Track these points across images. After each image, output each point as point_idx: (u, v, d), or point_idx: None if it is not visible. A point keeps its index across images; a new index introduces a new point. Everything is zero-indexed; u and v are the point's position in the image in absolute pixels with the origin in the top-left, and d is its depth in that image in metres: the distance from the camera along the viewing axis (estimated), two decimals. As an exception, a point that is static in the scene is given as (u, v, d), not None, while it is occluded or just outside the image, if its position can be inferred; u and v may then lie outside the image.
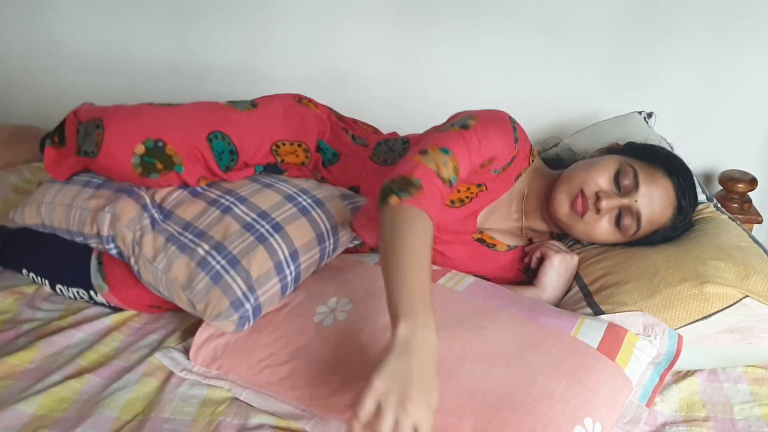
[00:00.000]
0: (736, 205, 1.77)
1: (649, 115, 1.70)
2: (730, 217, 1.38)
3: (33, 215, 1.30)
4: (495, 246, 1.35)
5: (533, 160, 1.36)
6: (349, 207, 1.29)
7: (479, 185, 1.28)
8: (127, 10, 1.98)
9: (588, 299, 1.23)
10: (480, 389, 1.00)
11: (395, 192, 1.03)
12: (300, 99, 1.42)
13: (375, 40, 1.92)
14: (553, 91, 1.91)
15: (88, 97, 2.05)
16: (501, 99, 1.92)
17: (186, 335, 1.25)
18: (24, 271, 1.35)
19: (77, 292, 1.30)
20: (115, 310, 1.31)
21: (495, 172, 1.26)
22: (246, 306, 1.13)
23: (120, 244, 1.22)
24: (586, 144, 1.59)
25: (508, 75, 1.92)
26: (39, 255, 1.32)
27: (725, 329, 1.19)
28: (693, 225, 1.33)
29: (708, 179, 1.91)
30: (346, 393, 1.04)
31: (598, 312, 1.19)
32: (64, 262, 1.30)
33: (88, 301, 1.32)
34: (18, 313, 1.29)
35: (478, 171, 1.20)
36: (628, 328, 1.14)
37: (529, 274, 1.36)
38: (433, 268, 1.24)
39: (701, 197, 1.43)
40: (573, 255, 1.31)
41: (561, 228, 1.32)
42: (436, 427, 0.86)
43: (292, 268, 1.18)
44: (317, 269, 1.25)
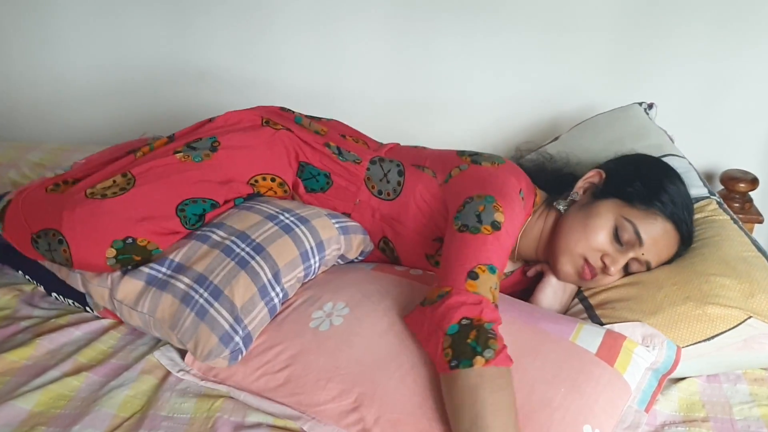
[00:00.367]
0: (737, 205, 1.76)
1: (650, 107, 1.66)
2: (732, 217, 1.37)
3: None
4: None
5: (534, 206, 1.31)
6: (337, 225, 1.25)
7: None
8: (126, 9, 1.98)
9: (589, 312, 1.21)
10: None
11: (478, 352, 0.96)
12: (267, 121, 1.34)
13: (375, 36, 1.92)
14: (555, 88, 1.91)
15: (89, 104, 2.08)
16: (502, 94, 1.93)
17: (184, 333, 1.24)
18: (20, 273, 1.34)
19: (73, 302, 1.28)
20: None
21: None
22: (236, 339, 1.09)
23: (99, 302, 1.20)
24: (584, 138, 1.58)
25: (509, 70, 1.91)
26: (36, 264, 1.28)
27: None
28: (695, 232, 1.30)
29: (709, 178, 1.91)
30: (344, 399, 1.03)
31: (599, 324, 1.18)
32: (58, 276, 1.27)
33: (84, 311, 1.30)
34: (16, 310, 1.28)
35: None
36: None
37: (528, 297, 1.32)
38: (430, 274, 1.24)
39: (703, 191, 1.41)
40: None
41: None
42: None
43: (277, 289, 1.14)
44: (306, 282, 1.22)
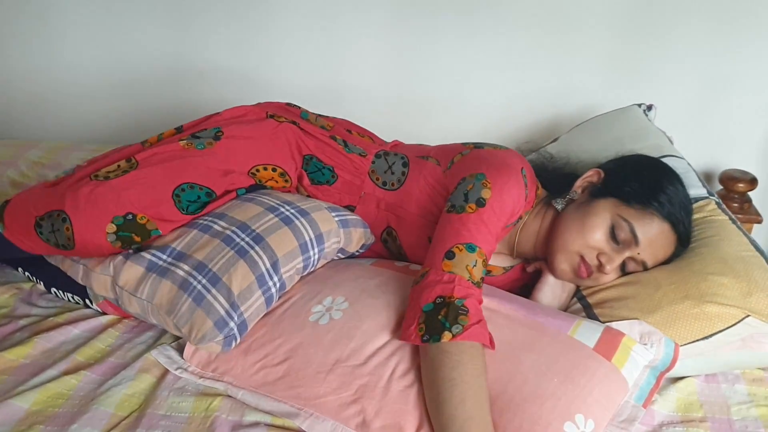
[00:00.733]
0: (736, 205, 1.76)
1: (649, 108, 1.67)
2: (730, 217, 1.37)
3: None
4: (490, 272, 1.32)
5: (535, 201, 1.31)
6: (336, 219, 1.26)
7: None
8: (126, 9, 1.98)
9: (588, 311, 1.22)
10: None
11: (446, 327, 1.00)
12: (272, 115, 1.35)
13: (375, 33, 1.92)
14: (555, 88, 1.91)
15: (88, 102, 2.07)
16: (502, 94, 1.93)
17: (182, 332, 1.24)
18: (20, 269, 1.34)
19: (72, 296, 1.29)
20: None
21: (507, 226, 1.23)
22: (230, 325, 1.10)
23: (100, 292, 1.21)
24: (584, 139, 1.58)
25: (509, 70, 1.91)
26: (35, 257, 1.29)
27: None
28: (693, 231, 1.30)
29: (708, 178, 1.91)
30: (344, 391, 1.04)
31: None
32: (59, 269, 1.27)
33: (83, 306, 1.30)
34: (14, 309, 1.28)
35: None
36: (624, 334, 1.13)
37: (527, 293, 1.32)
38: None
39: (702, 192, 1.41)
40: None
41: None
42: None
43: (275, 279, 1.15)
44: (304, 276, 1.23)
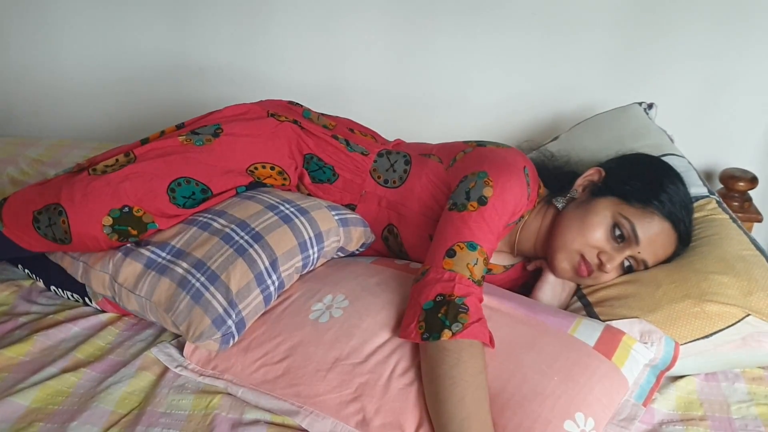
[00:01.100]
0: (736, 204, 1.76)
1: (650, 106, 1.66)
2: (731, 216, 1.37)
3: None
4: (491, 271, 1.32)
5: (537, 200, 1.31)
6: (336, 217, 1.26)
7: None
8: (126, 7, 1.97)
9: (588, 309, 1.22)
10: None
11: (446, 325, 1.00)
12: (273, 113, 1.35)
13: (377, 32, 1.92)
14: (555, 87, 1.91)
15: (87, 99, 2.07)
16: (502, 93, 1.93)
17: (182, 330, 1.24)
18: (19, 266, 1.34)
19: (71, 294, 1.29)
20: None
21: (508, 225, 1.22)
22: (228, 323, 1.10)
23: (99, 290, 1.21)
24: (584, 138, 1.58)
25: (509, 69, 1.91)
26: (35, 256, 1.29)
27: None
28: (694, 230, 1.30)
29: (709, 177, 1.91)
30: (344, 389, 1.04)
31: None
32: (59, 267, 1.27)
33: (82, 305, 1.30)
34: (14, 306, 1.28)
35: None
36: (624, 333, 1.13)
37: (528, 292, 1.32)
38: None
39: (702, 190, 1.41)
40: None
41: None
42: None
43: (274, 278, 1.15)
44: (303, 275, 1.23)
